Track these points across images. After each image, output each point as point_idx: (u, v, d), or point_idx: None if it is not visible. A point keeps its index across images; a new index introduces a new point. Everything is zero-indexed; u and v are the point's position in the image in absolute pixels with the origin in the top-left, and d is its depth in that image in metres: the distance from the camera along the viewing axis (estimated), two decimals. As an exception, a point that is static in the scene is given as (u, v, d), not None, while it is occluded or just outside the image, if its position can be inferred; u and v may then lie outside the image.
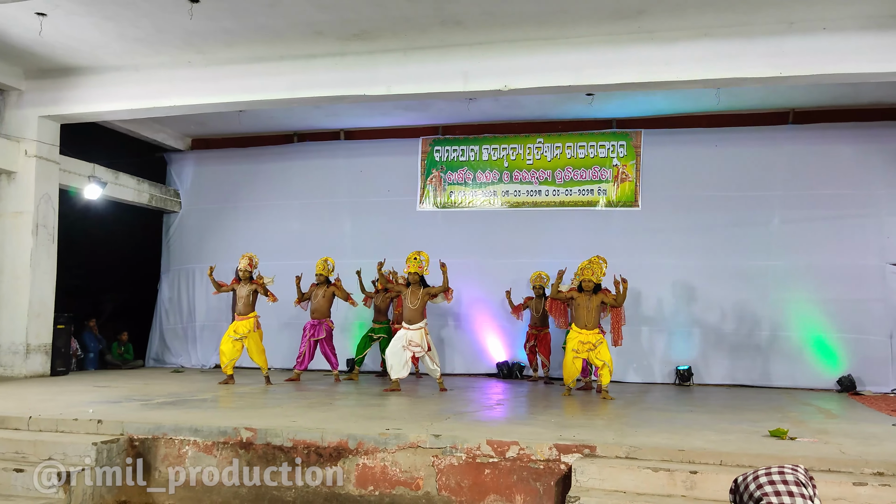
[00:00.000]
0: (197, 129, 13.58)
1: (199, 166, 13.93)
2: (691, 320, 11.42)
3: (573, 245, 11.39)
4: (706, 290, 11.37)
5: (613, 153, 11.94)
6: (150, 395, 8.15)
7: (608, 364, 8.67)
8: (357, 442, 5.46)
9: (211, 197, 13.70)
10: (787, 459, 4.85)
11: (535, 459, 5.17)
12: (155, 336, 13.71)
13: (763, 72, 8.49)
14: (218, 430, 5.71)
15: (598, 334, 8.80)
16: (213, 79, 9.91)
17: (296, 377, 10.33)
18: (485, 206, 12.43)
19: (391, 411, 7.21)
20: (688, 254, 11.48)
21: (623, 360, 11.03)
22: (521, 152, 12.32)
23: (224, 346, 9.72)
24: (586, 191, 12.00)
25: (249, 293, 9.76)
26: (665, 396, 9.58)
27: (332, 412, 6.96)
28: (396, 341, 9.16)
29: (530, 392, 9.70)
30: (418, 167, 12.74)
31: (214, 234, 13.47)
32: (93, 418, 6.01)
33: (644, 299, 11.44)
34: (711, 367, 11.25)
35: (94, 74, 10.30)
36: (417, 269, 9.16)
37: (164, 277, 13.89)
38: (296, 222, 13.10)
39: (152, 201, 13.32)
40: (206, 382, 9.95)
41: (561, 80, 9.02)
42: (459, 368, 12.08)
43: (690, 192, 11.63)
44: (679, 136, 11.81)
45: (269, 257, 11.29)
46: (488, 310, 12.11)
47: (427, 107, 11.77)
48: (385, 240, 12.34)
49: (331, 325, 10.47)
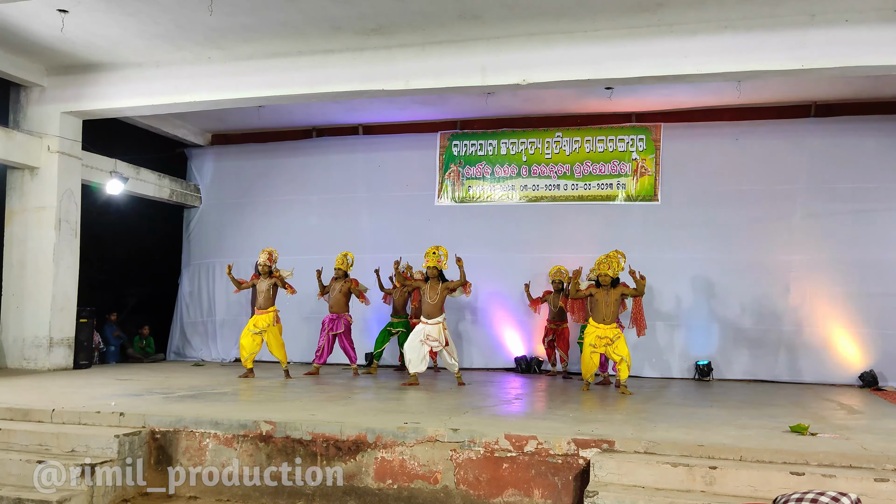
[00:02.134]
0: (217, 124, 13.66)
1: (219, 161, 14.01)
2: (711, 315, 11.35)
3: (591, 239, 11.35)
4: (726, 285, 11.29)
5: (633, 147, 11.87)
6: (172, 388, 8.23)
7: (626, 359, 8.64)
8: (376, 436, 5.48)
9: (230, 192, 13.78)
10: (808, 455, 4.82)
11: (553, 454, 5.16)
12: (176, 330, 13.83)
13: (785, 64, 8.39)
14: (238, 423, 5.76)
15: (616, 329, 8.76)
16: (233, 74, 9.96)
17: (315, 371, 10.38)
18: (503, 201, 12.41)
19: (409, 405, 7.24)
20: (708, 248, 11.40)
21: (641, 355, 10.99)
22: (539, 146, 12.28)
23: (244, 340, 9.79)
24: (605, 185, 11.94)
25: (269, 287, 9.82)
26: (684, 391, 9.54)
27: (350, 406, 6.99)
28: (415, 336, 9.18)
29: (548, 387, 9.69)
30: (436, 162, 12.74)
31: (234, 229, 13.56)
32: (115, 411, 6.08)
33: (663, 294, 11.38)
34: (731, 363, 11.18)
35: (115, 71, 10.39)
36: (436, 264, 9.16)
37: (184, 272, 14.00)
38: (314, 217, 13.15)
39: (173, 196, 13.42)
40: (227, 376, 10.02)
41: (580, 74, 8.97)
42: (477, 363, 12.09)
43: (711, 186, 11.55)
44: (699, 130, 11.72)
45: (287, 252, 11.34)
46: (506, 304, 12.10)
47: (445, 101, 11.75)
48: (403, 234, 12.38)
49: (349, 319, 10.51)
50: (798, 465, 4.75)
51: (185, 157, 14.23)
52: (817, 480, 4.49)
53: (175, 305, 13.96)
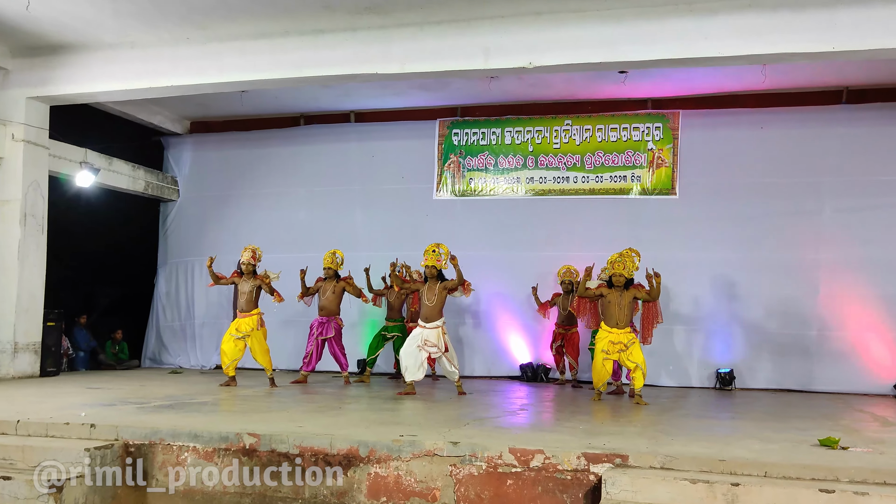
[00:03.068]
0: (196, 111, 13.65)
1: (199, 151, 14.00)
2: (732, 319, 11.35)
3: (604, 237, 11.34)
4: (749, 286, 11.29)
5: (648, 136, 11.87)
6: (147, 397, 8.22)
7: (641, 366, 8.64)
8: (369, 449, 5.48)
9: (211, 184, 13.77)
10: (838, 471, 4.82)
11: (561, 469, 5.16)
12: (151, 334, 13.82)
13: (813, 47, 8.39)
14: (219, 435, 5.75)
15: (630, 333, 8.76)
16: (214, 56, 9.95)
17: (302, 379, 10.39)
18: (507, 195, 12.40)
19: (405, 416, 7.24)
20: (729, 246, 11.40)
21: (657, 363, 10.99)
22: (547, 135, 12.27)
23: (225, 346, 9.78)
24: (619, 177, 11.94)
25: (253, 289, 9.81)
26: (703, 402, 9.54)
27: (341, 417, 7.00)
28: (411, 341, 9.18)
29: (557, 396, 9.69)
30: (435, 152, 12.73)
31: (215, 225, 13.55)
32: (85, 422, 6.07)
33: (680, 296, 11.38)
34: (755, 370, 11.18)
35: (86, 52, 10.38)
36: (435, 263, 9.15)
37: (160, 271, 13.99)
38: (302, 212, 13.15)
39: (148, 189, 13.42)
40: (207, 384, 10.02)
41: (591, 57, 8.96)
42: (479, 371, 12.09)
43: (733, 178, 11.54)
44: (721, 118, 11.71)
45: (273, 249, 11.34)
46: (511, 307, 12.10)
47: (445, 86, 11.75)
48: (399, 231, 12.38)
49: (340, 322, 10.51)
50: (828, 481, 4.75)
51: (161, 147, 14.21)
52: (848, 498, 4.49)
53: (150, 307, 13.95)
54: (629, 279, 8.84)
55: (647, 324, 9.27)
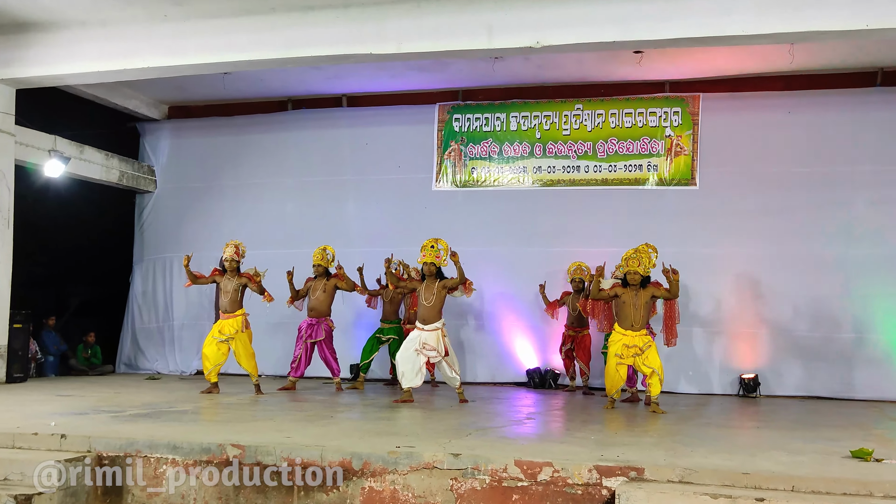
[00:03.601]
0: (174, 94, 13.64)
1: (177, 138, 13.99)
2: (758, 320, 11.35)
3: (618, 231, 11.35)
4: (776, 285, 11.28)
5: (666, 122, 11.86)
6: (122, 405, 8.23)
7: (658, 371, 8.64)
8: (363, 462, 5.48)
9: (191, 174, 13.77)
10: (871, 485, 4.82)
11: (571, 483, 5.16)
12: (126, 337, 13.83)
13: (845, 24, 8.36)
14: (200, 447, 5.76)
15: (646, 336, 8.76)
16: (194, 35, 9.92)
17: (290, 385, 10.39)
18: (513, 185, 12.40)
19: (402, 426, 7.24)
20: (754, 241, 11.40)
21: (675, 368, 10.99)
22: (556, 121, 12.27)
23: (207, 350, 9.78)
24: (634, 166, 11.94)
25: (237, 288, 9.80)
26: (726, 410, 9.56)
27: (333, 427, 7.00)
28: (409, 344, 9.18)
29: (566, 404, 9.70)
30: (434, 139, 12.73)
31: (195, 218, 13.55)
32: (55, 433, 6.07)
33: (701, 295, 11.37)
34: (782, 376, 11.18)
35: (54, 31, 10.35)
36: (434, 260, 9.14)
37: (136, 268, 13.99)
38: (290, 204, 13.16)
39: (123, 179, 13.42)
40: (187, 391, 10.04)
41: (604, 36, 8.94)
42: (483, 376, 12.10)
43: (758, 167, 11.54)
44: (745, 102, 11.71)
45: (259, 245, 11.34)
46: (517, 307, 12.10)
47: (445, 67, 11.74)
48: (394, 225, 12.38)
49: (331, 324, 10.51)
50: (861, 496, 4.75)
51: (137, 134, 14.21)
52: (883, 515, 4.50)
53: (126, 308, 13.96)
54: (645, 277, 8.84)
55: (669, 324, 9.26)
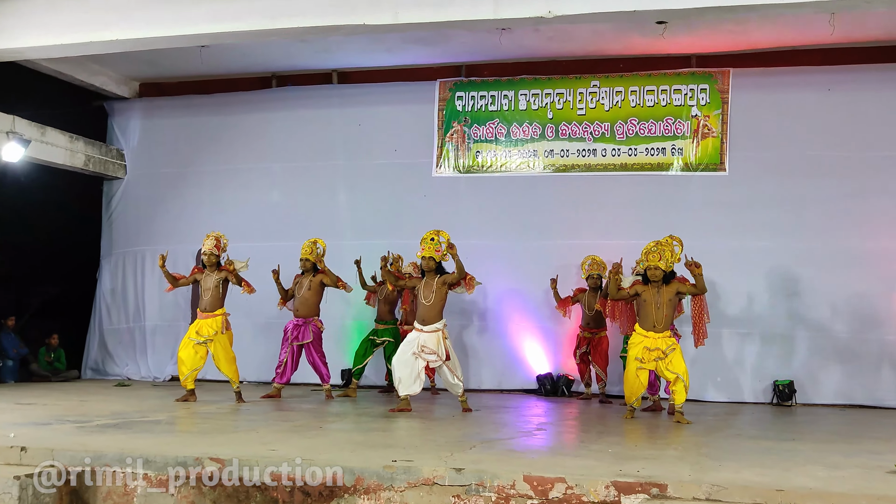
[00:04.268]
0: (147, 70, 13.62)
1: (150, 119, 13.99)
2: (793, 320, 11.34)
3: (638, 221, 11.37)
4: (813, 281, 11.27)
5: (692, 100, 11.84)
6: (88, 415, 8.24)
7: (683, 377, 8.63)
8: (355, 477, 5.48)
9: (165, 159, 13.76)
10: (919, 503, 4.83)
11: (586, 501, 5.16)
12: (93, 339, 13.85)
13: (893, -10, 8.38)
14: (175, 460, 5.76)
15: (670, 338, 8.76)
16: (168, 4, 9.90)
17: (275, 393, 10.40)
18: (522, 171, 12.40)
19: (399, 438, 7.27)
20: (789, 233, 11.38)
21: (702, 373, 10.97)
22: (569, 99, 12.26)
23: (183, 353, 9.78)
24: (656, 150, 11.92)
25: (218, 284, 9.80)
26: (758, 420, 9.56)
27: (322, 438, 7.01)
28: (406, 347, 9.17)
29: (581, 413, 9.72)
30: (434, 119, 12.72)
31: (170, 208, 13.54)
32: (15, 445, 6.06)
33: (730, 293, 11.37)
34: (819, 382, 11.18)
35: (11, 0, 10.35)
36: (434, 254, 9.13)
37: (104, 263, 14.00)
38: (275, 192, 13.16)
39: (89, 164, 13.40)
40: (160, 399, 10.06)
41: (623, 4, 8.91)
42: (488, 383, 12.11)
43: (794, 151, 11.52)
44: (780, 78, 11.68)
45: (241, 237, 11.31)
46: (526, 306, 12.11)
47: (446, 40, 11.72)
48: (391, 215, 12.38)
49: (320, 325, 10.51)
50: (906, 515, 4.77)
51: (104, 114, 14.20)
52: (931, 536, 4.50)
53: (92, 307, 13.97)
54: (669, 272, 8.82)
55: (698, 322, 9.21)
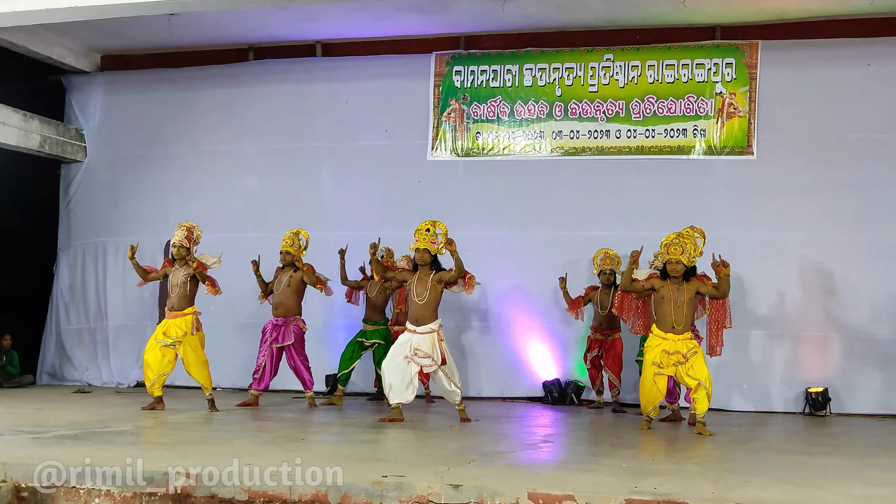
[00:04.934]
0: (109, 41, 13.58)
1: (113, 95, 13.96)
2: (827, 321, 11.34)
3: (656, 211, 11.39)
4: (850, 278, 11.27)
5: (717, 76, 11.83)
6: (45, 424, 8.22)
7: (705, 384, 8.63)
8: (341, 494, 5.49)
9: (129, 140, 13.74)
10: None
11: (598, 521, 5.18)
12: (50, 341, 13.83)
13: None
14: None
15: (692, 341, 8.76)
16: (132, -33, 9.91)
17: (252, 401, 10.40)
18: (527, 154, 12.39)
19: (390, 451, 7.27)
20: (824, 223, 11.39)
21: (726, 379, 10.99)
22: (580, 75, 12.24)
23: (150, 356, 9.76)
24: (676, 131, 11.92)
25: (186, 280, 9.78)
26: (788, 431, 9.58)
27: (304, 451, 7.00)
28: (397, 350, 9.17)
29: (592, 424, 9.74)
30: (430, 97, 12.71)
31: (135, 194, 13.51)
32: (-37, 458, 6.09)
33: (758, 291, 11.39)
34: (857, 390, 11.18)
35: (-41, -39, 10.34)
36: (428, 246, 9.11)
37: (62, 256, 13.99)
38: (252, 177, 13.15)
39: (45, 146, 13.37)
40: (124, 407, 10.04)
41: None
42: (489, 390, 12.12)
43: (829, 132, 11.51)
44: (813, 51, 11.67)
45: (214, 228, 11.31)
46: (531, 305, 12.11)
47: (444, 8, 11.72)
48: (381, 203, 12.37)
49: (302, 325, 10.51)
50: (953, 537, 4.78)
51: (62, 89, 14.18)
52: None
53: (49, 305, 13.96)
54: (690, 268, 8.82)
55: (714, 329, 9.21)
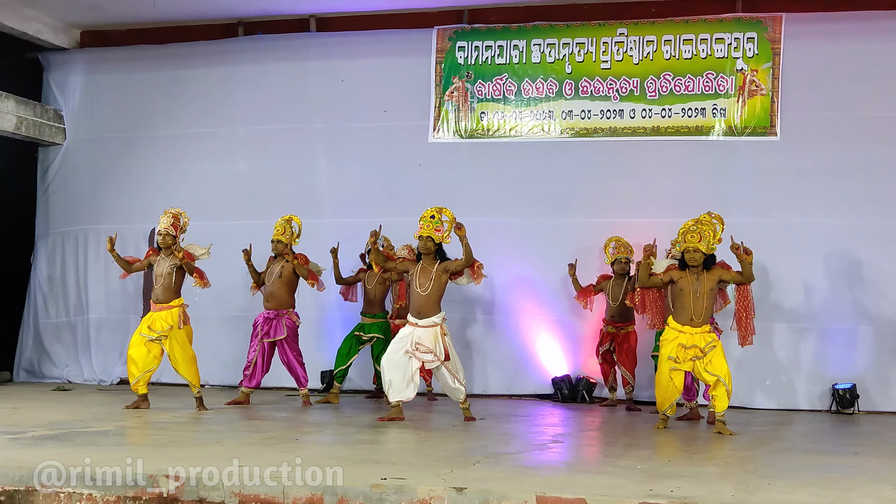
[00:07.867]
0: (89, 15, 13.57)
1: (93, 74, 13.95)
2: (857, 313, 11.33)
3: (673, 195, 11.39)
4: (881, 266, 11.27)
5: (738, 51, 11.80)
6: (23, 425, 8.23)
7: (725, 380, 8.61)
8: (338, 498, 5.49)
9: (111, 121, 13.74)
10: None
11: (611, 526, 5.19)
12: (27, 336, 13.85)
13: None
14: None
15: (710, 334, 8.75)
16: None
17: (243, 399, 10.41)
18: (535, 136, 12.37)
19: (390, 452, 7.28)
20: (853, 208, 11.37)
21: (748, 375, 11.02)
22: (592, 50, 12.21)
23: (134, 352, 9.76)
24: (695, 111, 11.89)
25: (172, 270, 9.77)
26: (814, 430, 9.58)
27: (298, 452, 6.99)
28: (397, 345, 9.16)
29: (605, 423, 9.74)
30: (431, 74, 12.69)
31: (117, 179, 13.50)
32: (-65, 460, 6.10)
33: (783, 281, 11.38)
34: (887, 386, 11.19)
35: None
36: (433, 233, 9.09)
37: (40, 245, 13.99)
38: (242, 161, 13.14)
39: (21, 128, 13.35)
40: (107, 406, 10.04)
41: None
42: (496, 387, 12.14)
43: (857, 111, 11.50)
44: (841, 25, 11.65)
45: (202, 215, 11.30)
46: (540, 296, 12.12)
47: (445, -21, 11.73)
48: (380, 188, 12.36)
49: (295, 318, 10.51)
50: None
51: (40, 67, 14.17)
52: None
53: (26, 298, 13.97)
54: (709, 256, 8.81)
55: (743, 317, 9.18)
